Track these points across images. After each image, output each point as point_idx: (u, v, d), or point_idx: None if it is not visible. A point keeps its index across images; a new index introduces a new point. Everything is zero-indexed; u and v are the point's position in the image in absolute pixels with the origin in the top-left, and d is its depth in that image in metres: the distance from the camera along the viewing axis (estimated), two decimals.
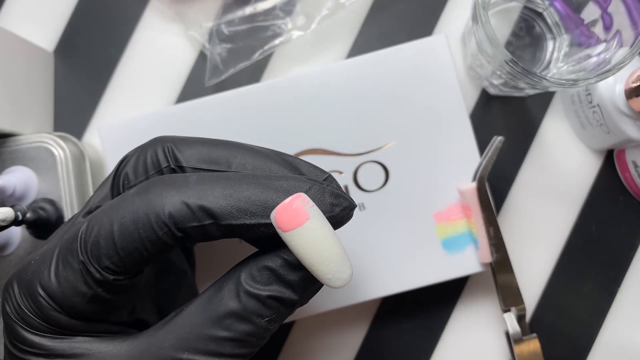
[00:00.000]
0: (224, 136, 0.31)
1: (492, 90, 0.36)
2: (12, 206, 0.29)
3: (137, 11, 0.39)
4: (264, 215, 0.18)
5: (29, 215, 0.30)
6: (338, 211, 0.19)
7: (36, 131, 0.35)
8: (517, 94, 0.36)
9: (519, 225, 0.37)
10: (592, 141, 0.36)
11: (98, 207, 0.22)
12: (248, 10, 0.37)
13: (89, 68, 0.38)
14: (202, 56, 0.38)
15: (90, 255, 0.19)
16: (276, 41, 0.36)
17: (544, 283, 0.37)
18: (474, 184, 0.31)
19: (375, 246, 0.32)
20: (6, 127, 0.32)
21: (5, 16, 0.39)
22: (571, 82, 0.28)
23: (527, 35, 0.35)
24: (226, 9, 0.37)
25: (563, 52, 0.34)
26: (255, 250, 0.21)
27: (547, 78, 0.28)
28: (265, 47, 0.36)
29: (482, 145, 0.34)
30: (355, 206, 0.20)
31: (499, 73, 0.31)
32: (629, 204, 0.37)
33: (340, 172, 0.33)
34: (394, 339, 0.37)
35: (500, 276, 0.32)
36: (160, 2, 0.38)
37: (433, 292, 0.35)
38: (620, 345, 0.36)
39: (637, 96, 0.29)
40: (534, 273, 0.37)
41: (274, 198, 0.18)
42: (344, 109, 0.33)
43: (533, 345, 0.32)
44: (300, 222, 0.18)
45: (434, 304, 0.37)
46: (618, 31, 0.29)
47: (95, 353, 0.19)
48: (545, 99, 0.37)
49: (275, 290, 0.19)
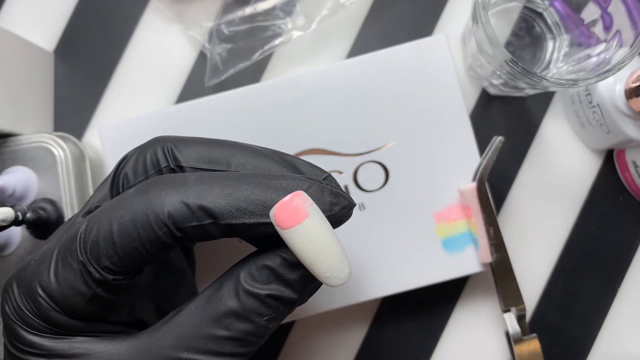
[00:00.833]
0: (224, 136, 0.31)
1: (492, 90, 0.36)
2: (12, 206, 0.29)
3: (137, 11, 0.39)
4: (264, 215, 0.18)
5: (29, 215, 0.30)
6: (337, 210, 0.19)
7: (36, 131, 0.35)
8: (517, 94, 0.35)
9: (519, 225, 0.37)
10: (592, 141, 0.36)
11: (97, 207, 0.22)
12: (248, 10, 0.37)
13: (89, 68, 0.38)
14: (202, 56, 0.38)
15: (89, 255, 0.19)
16: (276, 41, 0.36)
17: (544, 283, 0.37)
18: (474, 184, 0.31)
19: (375, 246, 0.32)
20: (6, 127, 0.32)
21: (5, 16, 0.39)
22: (571, 82, 0.28)
23: (527, 35, 0.35)
24: (226, 9, 0.37)
25: (563, 52, 0.34)
26: (254, 249, 0.21)
27: (547, 78, 0.28)
28: (265, 47, 0.36)
29: (482, 145, 0.34)
30: (354, 205, 0.20)
31: (499, 73, 0.31)
32: (629, 204, 0.37)
33: (340, 172, 0.33)
34: (394, 339, 0.37)
35: (500, 276, 0.32)
36: (160, 2, 0.38)
37: (433, 292, 0.35)
38: (620, 346, 0.36)
39: (637, 96, 0.29)
40: (534, 273, 0.37)
41: (273, 197, 0.18)
42: (344, 109, 0.33)
43: (533, 345, 0.32)
44: (299, 220, 0.18)
45: (434, 304, 0.37)
46: (618, 31, 0.29)
47: (95, 353, 0.19)
48: (545, 99, 0.37)
49: (275, 289, 0.19)
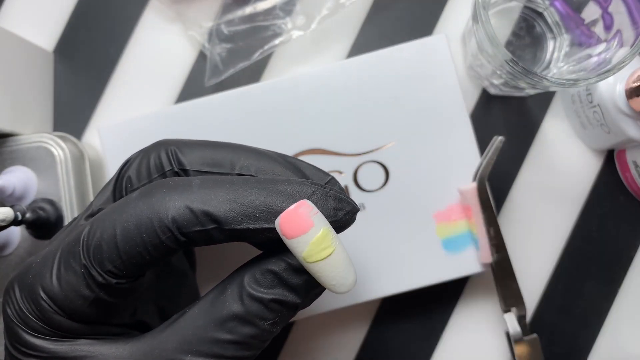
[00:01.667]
0: (224, 136, 0.31)
1: (492, 90, 0.36)
2: (12, 206, 0.29)
3: (137, 11, 0.38)
4: (268, 220, 0.18)
5: (28, 215, 0.30)
6: (341, 215, 0.19)
7: (36, 131, 0.35)
8: (517, 94, 0.36)
9: (519, 225, 0.37)
10: (593, 141, 0.36)
11: (100, 210, 0.22)
12: (248, 10, 0.37)
13: (89, 68, 0.38)
14: (202, 56, 0.38)
15: (92, 259, 0.19)
16: (276, 41, 0.36)
17: (544, 283, 0.37)
18: (474, 184, 0.31)
19: (375, 246, 0.32)
20: (6, 127, 0.32)
21: (5, 16, 0.39)
22: (571, 82, 0.28)
23: (528, 35, 0.35)
24: (226, 9, 0.37)
25: (563, 52, 0.34)
26: (257, 252, 0.21)
27: (548, 78, 0.28)
28: (265, 47, 0.36)
29: (482, 145, 0.34)
30: (358, 210, 0.20)
31: (499, 73, 0.31)
32: (629, 204, 0.37)
33: (340, 172, 0.33)
34: (394, 339, 0.37)
35: (500, 276, 0.32)
36: (160, 2, 0.38)
37: (433, 292, 0.35)
38: (620, 346, 0.36)
39: (638, 96, 0.29)
40: (534, 273, 0.37)
41: (277, 203, 0.18)
42: (344, 109, 0.33)
43: (533, 345, 0.32)
44: (304, 230, 0.18)
45: (434, 304, 0.37)
46: (618, 31, 0.29)
47: (98, 355, 0.19)
48: (545, 99, 0.37)
49: (279, 293, 0.19)
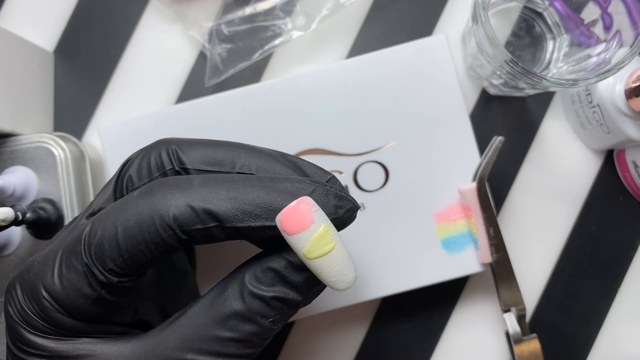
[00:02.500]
0: (224, 136, 0.31)
1: (492, 90, 0.36)
2: (12, 206, 0.29)
3: (137, 11, 0.39)
4: (269, 218, 0.18)
5: (28, 215, 0.30)
6: (342, 213, 0.19)
7: (36, 131, 0.35)
8: (517, 94, 0.36)
9: (519, 225, 0.37)
10: (592, 141, 0.36)
11: (101, 209, 0.22)
12: (248, 10, 0.37)
13: (89, 68, 0.38)
14: (202, 56, 0.38)
15: (94, 258, 0.19)
16: (276, 41, 0.36)
17: (544, 283, 0.37)
18: (474, 184, 0.31)
19: (375, 246, 0.32)
20: (6, 127, 0.32)
21: (5, 16, 0.39)
22: (571, 82, 0.28)
23: (527, 35, 0.36)
24: (226, 9, 0.37)
25: (563, 52, 0.34)
26: (258, 250, 0.21)
27: (547, 78, 0.28)
28: (265, 47, 0.36)
29: (482, 145, 0.34)
30: (358, 207, 0.20)
31: (499, 73, 0.31)
32: (629, 204, 0.37)
33: (341, 172, 0.33)
34: (394, 339, 0.37)
35: (500, 276, 0.32)
36: (160, 2, 0.38)
37: (433, 292, 0.35)
38: (620, 346, 0.36)
39: (637, 96, 0.29)
40: (534, 273, 0.37)
41: (278, 200, 0.18)
42: (344, 109, 0.33)
43: (533, 345, 0.32)
44: (305, 226, 0.18)
45: (434, 304, 0.37)
46: (618, 31, 0.29)
47: (100, 354, 0.19)
48: (545, 99, 0.37)
49: (280, 291, 0.19)
